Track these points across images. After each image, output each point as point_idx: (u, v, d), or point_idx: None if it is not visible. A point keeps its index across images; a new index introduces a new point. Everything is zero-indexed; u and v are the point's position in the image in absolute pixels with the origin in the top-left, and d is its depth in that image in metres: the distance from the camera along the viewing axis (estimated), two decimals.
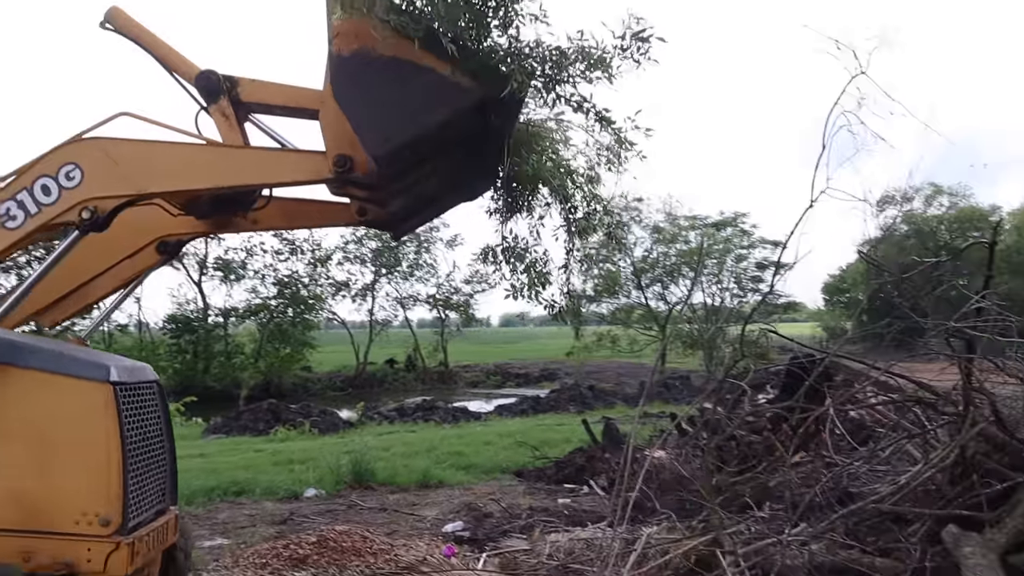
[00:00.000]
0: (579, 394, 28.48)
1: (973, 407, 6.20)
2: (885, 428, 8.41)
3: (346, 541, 7.98)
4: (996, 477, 6.11)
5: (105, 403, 4.67)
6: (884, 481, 7.06)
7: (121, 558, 4.57)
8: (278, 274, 42.58)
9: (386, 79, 4.57)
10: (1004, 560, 5.42)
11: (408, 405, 27.22)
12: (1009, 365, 6.67)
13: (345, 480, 12.11)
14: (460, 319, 50.67)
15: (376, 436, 18.69)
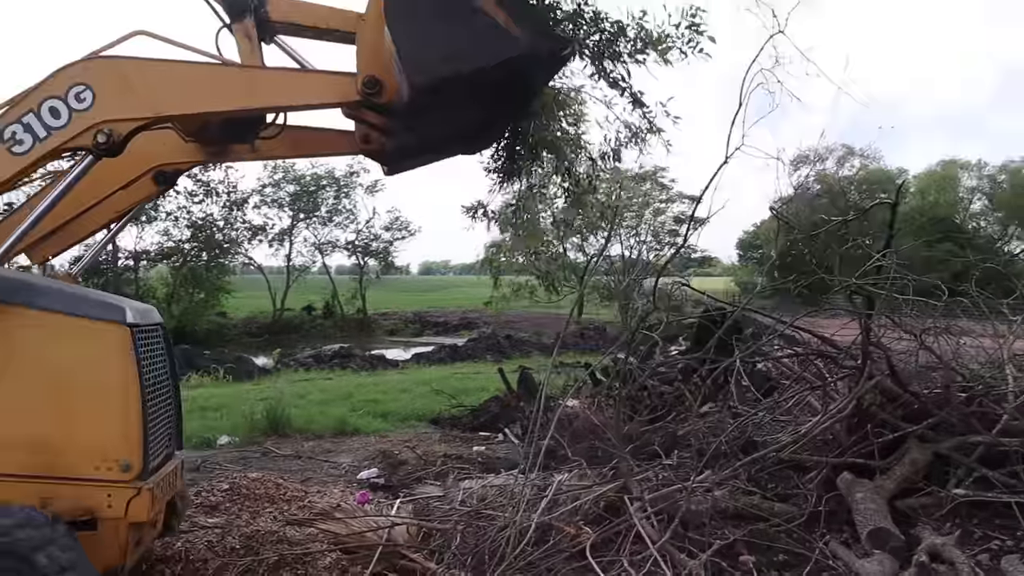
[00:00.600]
0: (496, 343, 28.75)
1: (870, 361, 6.49)
2: (789, 380, 8.73)
3: (259, 488, 7.94)
4: (889, 428, 6.44)
5: (123, 346, 4.56)
6: (786, 431, 7.36)
7: (142, 503, 4.51)
8: (192, 216, 41.37)
9: (441, 12, 4.53)
10: (892, 504, 5.74)
11: (325, 352, 27.06)
12: (905, 322, 6.99)
13: (260, 428, 12.00)
14: (379, 266, 50.29)
15: (292, 383, 18.55)
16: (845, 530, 5.64)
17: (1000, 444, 6.05)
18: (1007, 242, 56.99)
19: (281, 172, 45.03)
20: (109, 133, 4.37)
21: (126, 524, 4.53)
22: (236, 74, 4.70)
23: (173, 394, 5.50)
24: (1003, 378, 6.80)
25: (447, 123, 5.45)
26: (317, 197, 46.11)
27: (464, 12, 4.55)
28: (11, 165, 4.36)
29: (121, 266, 40.70)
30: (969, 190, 59.00)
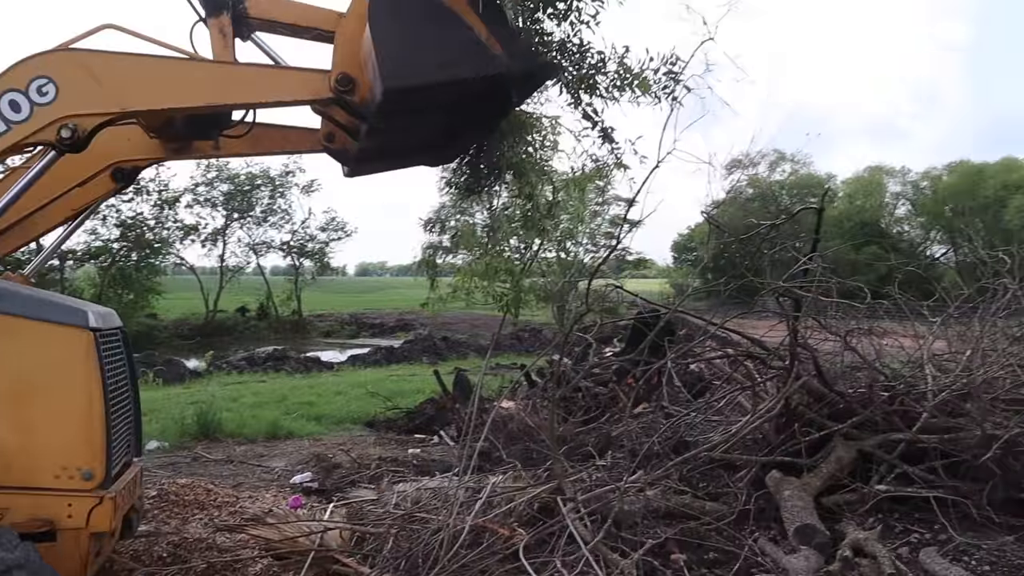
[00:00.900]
0: (433, 345, 28.66)
1: (798, 362, 6.64)
2: (720, 381, 8.89)
3: (188, 494, 7.79)
4: (815, 427, 6.60)
5: (87, 351, 4.42)
6: (717, 431, 7.48)
7: (104, 512, 4.37)
8: (121, 215, 40.26)
9: (426, 18, 4.49)
10: (818, 501, 5.88)
11: (259, 354, 26.67)
12: (831, 323, 7.17)
13: (190, 432, 11.77)
14: (315, 267, 49.69)
15: (224, 386, 18.23)
16: (773, 527, 5.76)
17: (920, 441, 6.26)
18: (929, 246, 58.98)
19: (215, 171, 44.20)
20: (74, 128, 4.24)
21: (87, 534, 4.40)
22: (207, 70, 4.62)
23: (133, 399, 5.37)
24: (923, 377, 7.02)
25: (414, 131, 5.43)
26: (251, 197, 45.38)
27: (451, 23, 4.54)
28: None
29: (46, 266, 39.50)
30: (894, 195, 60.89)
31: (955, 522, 5.54)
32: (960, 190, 55.38)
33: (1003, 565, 5.02)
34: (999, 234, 43.33)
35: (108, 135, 4.96)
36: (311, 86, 4.62)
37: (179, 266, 47.94)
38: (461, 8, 4.56)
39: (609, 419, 9.01)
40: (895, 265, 8.77)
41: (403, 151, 5.80)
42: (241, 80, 4.64)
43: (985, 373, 6.81)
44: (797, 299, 6.90)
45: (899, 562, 4.97)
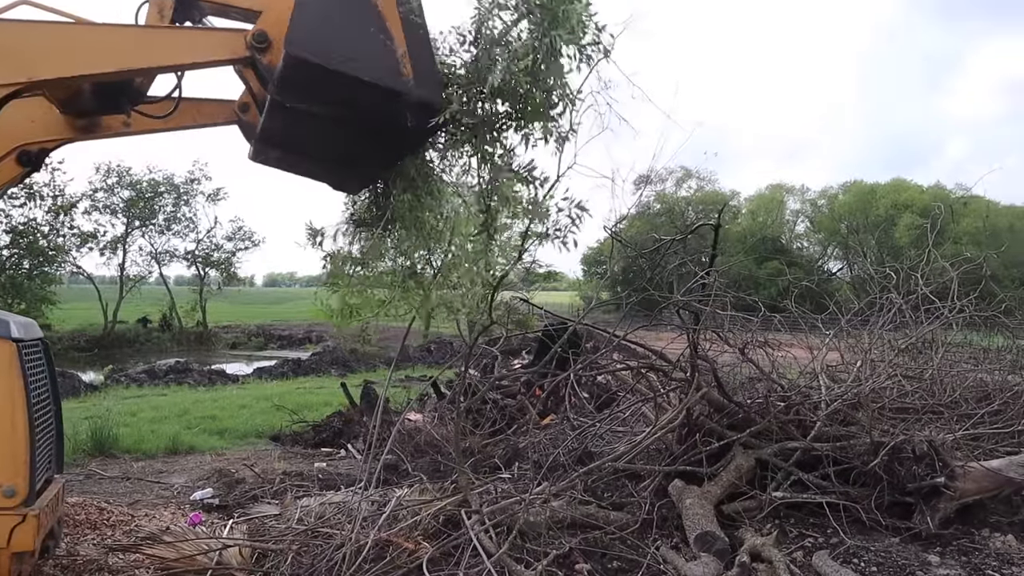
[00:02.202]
0: (341, 357, 28.28)
1: (698, 373, 6.81)
2: (625, 392, 9.04)
3: (79, 514, 7.46)
4: (716, 436, 6.77)
5: (9, 362, 4.21)
6: (622, 441, 7.61)
7: (27, 531, 4.17)
8: (11, 221, 38.54)
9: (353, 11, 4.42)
10: (718, 509, 6.04)
11: (160, 367, 25.83)
12: (729, 336, 7.38)
13: (83, 448, 11.29)
14: (221, 277, 48.55)
15: (122, 400, 17.58)
16: (676, 535, 5.88)
17: (814, 449, 6.49)
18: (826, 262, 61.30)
19: (115, 176, 42.80)
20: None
21: (8, 554, 4.22)
22: (120, 33, 4.38)
23: (55, 413, 5.15)
24: (817, 387, 7.29)
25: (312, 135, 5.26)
26: (154, 204, 44.07)
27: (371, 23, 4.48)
28: None
29: None
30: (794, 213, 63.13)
31: (846, 526, 5.78)
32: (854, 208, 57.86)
33: (889, 566, 5.25)
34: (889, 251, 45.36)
35: (12, 116, 4.73)
36: (230, 45, 4.48)
37: (76, 275, 46.16)
38: (391, 18, 4.52)
39: (516, 431, 9.06)
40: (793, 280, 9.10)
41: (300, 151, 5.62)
42: (157, 42, 4.46)
43: (873, 383, 7.12)
44: (696, 312, 7.09)
45: (794, 566, 5.15)
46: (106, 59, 4.32)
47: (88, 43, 4.33)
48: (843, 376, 7.64)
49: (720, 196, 59.23)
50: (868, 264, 15.11)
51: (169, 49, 4.48)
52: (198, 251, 46.74)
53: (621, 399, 8.89)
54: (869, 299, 8.39)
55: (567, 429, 8.38)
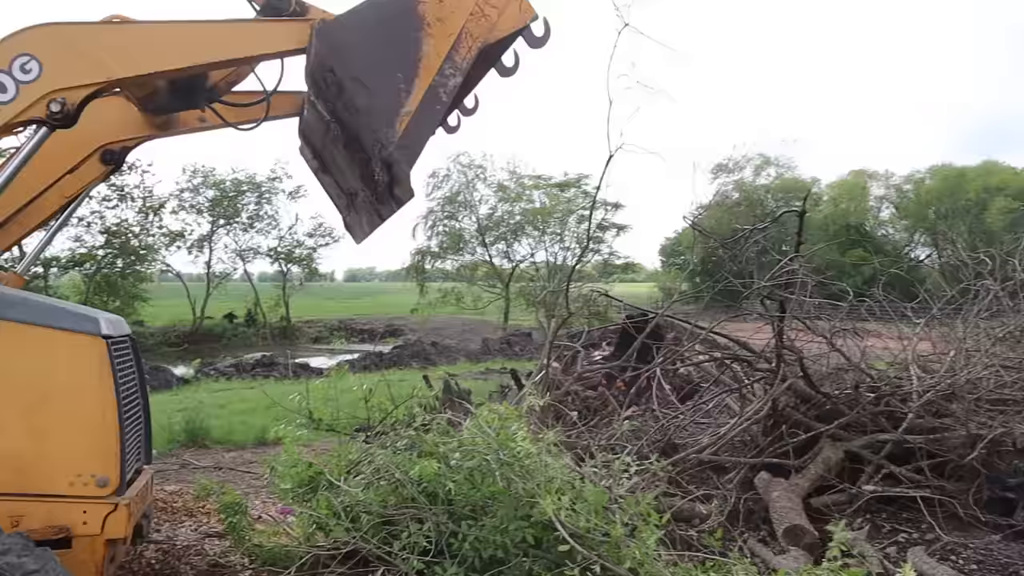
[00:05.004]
0: (423, 350, 28.56)
1: (784, 364, 6.70)
2: (708, 383, 8.94)
3: (177, 501, 7.78)
4: (802, 428, 6.65)
5: (100, 358, 4.42)
6: (706, 432, 7.53)
7: (119, 519, 4.36)
8: (105, 222, 40.01)
9: (394, 44, 4.38)
10: (806, 502, 5.93)
11: (247, 361, 26.56)
12: (817, 325, 7.23)
13: (178, 439, 11.72)
14: (303, 273, 49.54)
15: (212, 393, 18.17)
16: (763, 528, 5.80)
17: (906, 441, 6.32)
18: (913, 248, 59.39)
19: (200, 177, 44.04)
20: (63, 102, 4.17)
21: (102, 541, 4.39)
22: (189, 29, 4.50)
23: (143, 406, 5.35)
24: (908, 378, 7.09)
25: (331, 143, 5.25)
26: (237, 203, 45.19)
27: (402, 66, 4.40)
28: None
29: (30, 273, 39.18)
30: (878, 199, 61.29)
31: (942, 521, 5.61)
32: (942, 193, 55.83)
33: (991, 564, 5.08)
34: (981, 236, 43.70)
35: (94, 117, 4.92)
36: (296, 35, 4.52)
37: (165, 273, 47.70)
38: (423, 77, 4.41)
39: (599, 423, 9.03)
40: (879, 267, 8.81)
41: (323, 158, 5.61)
42: (224, 35, 4.54)
43: (969, 373, 6.89)
44: (782, 301, 6.96)
45: (887, 562, 5.03)
46: (177, 55, 4.43)
47: (159, 40, 4.46)
48: (936, 366, 7.40)
49: (800, 183, 57.83)
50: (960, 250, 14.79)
51: (236, 42, 4.56)
52: (280, 248, 47.73)
53: (704, 390, 8.79)
54: (962, 286, 8.10)
55: (650, 421, 8.32)
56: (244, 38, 4.57)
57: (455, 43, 4.40)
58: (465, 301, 42.79)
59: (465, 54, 4.44)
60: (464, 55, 4.44)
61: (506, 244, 43.91)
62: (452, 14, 4.40)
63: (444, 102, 4.43)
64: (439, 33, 4.39)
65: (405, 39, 4.37)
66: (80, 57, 4.22)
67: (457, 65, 4.41)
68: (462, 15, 4.41)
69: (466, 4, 4.45)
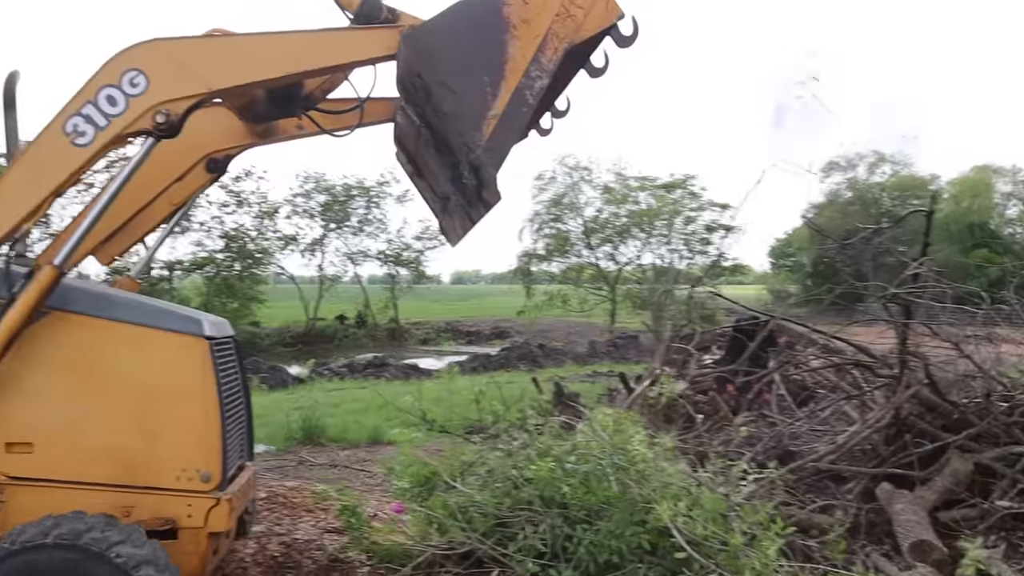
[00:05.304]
0: (529, 352, 28.66)
1: (908, 370, 6.44)
2: (825, 389, 8.68)
3: (296, 497, 8.04)
4: (928, 437, 6.38)
5: (202, 358, 4.67)
6: (823, 440, 7.31)
7: (221, 513, 4.60)
8: (224, 227, 41.70)
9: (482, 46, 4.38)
10: (933, 516, 5.69)
11: (358, 362, 27.18)
12: (943, 330, 6.93)
13: (295, 437, 12.11)
14: (411, 276, 50.41)
15: (326, 392, 18.66)
16: (886, 542, 5.59)
17: None
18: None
19: (312, 183, 45.37)
20: (167, 113, 4.38)
21: (206, 533, 4.62)
22: (282, 39, 4.65)
23: (245, 405, 5.60)
24: None
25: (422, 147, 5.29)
26: (347, 207, 46.35)
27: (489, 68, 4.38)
28: (76, 157, 4.41)
29: (155, 276, 41.16)
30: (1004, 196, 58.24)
31: None
32: None
33: None
34: None
35: (198, 127, 5.15)
36: (385, 42, 4.56)
37: (280, 275, 49.30)
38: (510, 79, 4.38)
39: (710, 428, 8.89)
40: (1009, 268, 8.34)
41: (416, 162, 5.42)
42: (315, 45, 4.64)
43: None
44: (907, 305, 6.69)
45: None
46: (271, 65, 4.58)
47: (255, 52, 4.61)
48: None
49: (918, 181, 55.49)
50: None
51: (327, 50, 4.66)
52: (389, 251, 48.65)
53: (821, 397, 8.54)
54: None
55: (763, 427, 8.14)
56: (335, 46, 4.67)
57: (541, 45, 4.37)
58: (571, 303, 42.69)
59: (551, 55, 4.40)
60: (550, 56, 4.40)
61: (612, 246, 43.62)
62: (538, 15, 4.38)
63: (530, 104, 4.40)
64: (525, 35, 4.37)
65: (491, 42, 4.36)
66: (182, 70, 4.43)
67: (543, 67, 4.39)
68: (548, 16, 4.38)
69: (552, 5, 4.42)
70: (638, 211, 42.10)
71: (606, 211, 43.04)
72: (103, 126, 4.38)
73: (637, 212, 42.09)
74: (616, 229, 42.72)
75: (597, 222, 42.90)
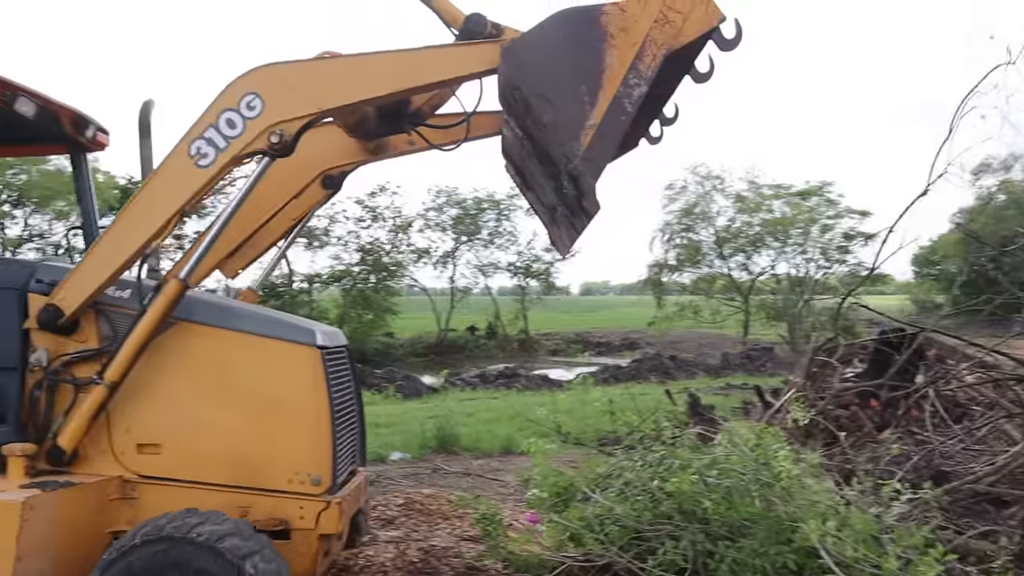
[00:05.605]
0: (661, 364, 28.27)
1: None
2: (981, 406, 8.19)
3: (433, 504, 8.20)
4: None
5: (314, 367, 4.90)
6: (979, 461, 6.90)
7: (331, 516, 4.80)
8: (360, 241, 43.17)
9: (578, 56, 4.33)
10: None
11: (490, 372, 27.49)
12: None
13: (429, 445, 12.36)
14: (541, 287, 50.69)
15: (459, 402, 18.96)
16: None
17: None
18: None
19: (444, 196, 46.33)
20: (281, 134, 4.59)
21: (316, 535, 4.80)
22: (386, 58, 4.76)
23: (358, 413, 5.80)
24: None
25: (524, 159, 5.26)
26: (478, 220, 47.07)
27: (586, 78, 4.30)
28: (199, 178, 4.65)
29: (296, 288, 42.94)
30: None
31: None
32: None
33: None
34: None
35: (313, 146, 5.44)
36: (488, 57, 4.59)
37: (413, 287, 50.52)
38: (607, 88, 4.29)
39: (853, 445, 8.52)
40: None
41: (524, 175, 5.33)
42: (418, 62, 4.72)
43: None
44: None
45: None
46: (377, 84, 4.70)
47: (362, 72, 4.74)
48: None
49: None
50: None
51: (431, 67, 4.73)
52: (519, 263, 49.09)
53: (977, 414, 8.06)
54: None
55: (910, 444, 7.74)
56: (438, 63, 4.74)
57: (639, 52, 4.28)
58: (703, 315, 41.93)
59: (649, 62, 4.30)
60: (648, 63, 4.30)
61: (745, 256, 42.61)
62: (636, 23, 4.29)
63: (629, 112, 4.31)
64: (623, 43, 4.29)
65: (588, 52, 4.30)
66: (294, 92, 4.63)
67: (641, 74, 4.29)
68: (646, 23, 4.28)
69: (650, 11, 4.31)
70: (772, 220, 40.98)
71: (739, 220, 42.11)
72: (223, 148, 4.63)
73: (771, 221, 40.98)
74: (749, 238, 41.74)
75: (729, 231, 42.03)
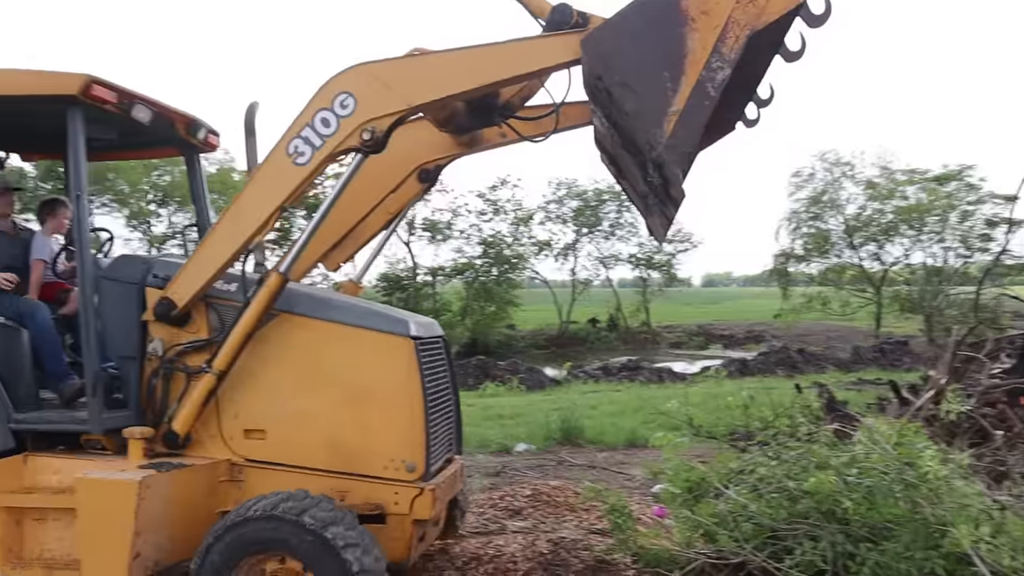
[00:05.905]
0: (788, 357, 27.43)
1: None
2: None
3: (559, 496, 8.22)
4: None
5: (409, 356, 5.08)
6: None
7: (425, 502, 4.98)
8: (482, 234, 43.77)
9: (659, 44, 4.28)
10: None
11: (613, 364, 27.32)
12: None
13: (554, 437, 12.40)
14: (662, 278, 50.13)
15: (582, 394, 18.94)
16: None
17: None
18: None
19: (564, 189, 46.38)
20: (372, 131, 4.73)
21: (410, 520, 4.98)
22: (472, 53, 4.81)
23: (453, 402, 5.95)
24: None
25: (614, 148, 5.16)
26: (599, 212, 46.89)
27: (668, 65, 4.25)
28: (297, 176, 4.84)
29: (420, 281, 43.92)
30: None
31: None
32: None
33: None
34: None
35: (407, 141, 5.63)
36: (572, 47, 4.59)
37: (534, 279, 50.83)
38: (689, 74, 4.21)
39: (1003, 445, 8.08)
40: None
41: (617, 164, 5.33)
42: (503, 56, 4.75)
43: None
44: None
45: None
46: (464, 78, 4.77)
47: (449, 67, 4.82)
48: None
49: None
50: None
51: (515, 60, 4.76)
52: (640, 254, 48.65)
53: None
54: None
55: None
56: (523, 56, 4.77)
57: (721, 34, 4.17)
58: (832, 306, 40.42)
59: (732, 44, 4.18)
60: (731, 45, 4.18)
61: (877, 245, 40.80)
62: (717, 5, 4.18)
63: (712, 97, 4.21)
64: (704, 26, 4.20)
65: (669, 37, 4.24)
66: (384, 89, 4.74)
67: (724, 57, 4.18)
68: (728, 4, 4.17)
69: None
70: (906, 207, 39.09)
71: (870, 208, 40.36)
72: (319, 146, 4.81)
73: (905, 208, 39.10)
74: (881, 227, 39.94)
75: (860, 220, 40.35)
